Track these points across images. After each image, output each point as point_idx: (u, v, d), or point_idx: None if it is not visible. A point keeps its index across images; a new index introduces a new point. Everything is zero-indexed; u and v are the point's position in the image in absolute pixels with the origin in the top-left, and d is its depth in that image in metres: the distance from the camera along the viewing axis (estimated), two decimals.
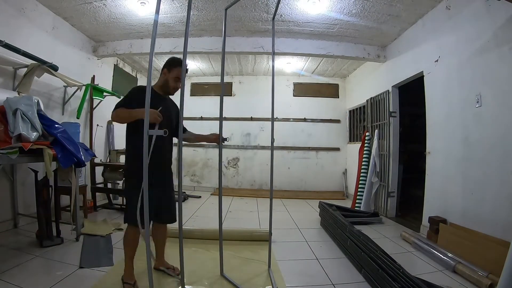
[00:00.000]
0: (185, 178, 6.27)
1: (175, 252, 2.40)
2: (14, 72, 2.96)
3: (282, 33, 4.03)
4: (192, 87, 6.51)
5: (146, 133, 1.35)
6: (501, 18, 2.28)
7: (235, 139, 6.13)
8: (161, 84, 1.99)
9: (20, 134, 2.24)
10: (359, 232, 2.42)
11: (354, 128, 5.90)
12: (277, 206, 4.62)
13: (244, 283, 1.97)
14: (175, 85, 1.97)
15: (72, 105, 3.89)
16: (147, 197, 1.38)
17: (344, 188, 6.03)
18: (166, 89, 1.99)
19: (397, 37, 4.00)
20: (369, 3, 3.15)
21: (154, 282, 1.46)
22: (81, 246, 2.27)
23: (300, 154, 6.22)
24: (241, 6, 3.26)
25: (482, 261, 2.13)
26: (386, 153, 4.20)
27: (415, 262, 2.45)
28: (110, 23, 3.79)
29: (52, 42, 3.49)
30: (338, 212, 3.27)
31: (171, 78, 1.95)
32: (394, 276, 1.72)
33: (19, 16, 3.01)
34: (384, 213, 4.13)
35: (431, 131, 3.31)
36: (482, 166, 2.48)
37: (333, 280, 2.07)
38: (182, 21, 3.74)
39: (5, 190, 2.88)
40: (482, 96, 2.49)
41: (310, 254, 2.60)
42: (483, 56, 2.49)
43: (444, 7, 2.98)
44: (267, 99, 4.55)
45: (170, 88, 1.98)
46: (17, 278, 1.85)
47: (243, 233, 2.93)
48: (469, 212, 2.58)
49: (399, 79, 3.96)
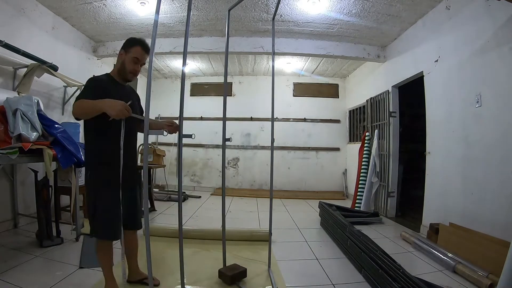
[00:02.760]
0: (185, 178, 6.27)
1: (175, 252, 2.40)
2: (14, 72, 2.96)
3: (282, 33, 4.03)
4: (192, 87, 6.52)
5: (146, 133, 1.34)
6: (501, 18, 2.28)
7: (235, 139, 6.12)
8: (118, 69, 1.70)
9: (20, 134, 2.24)
10: (359, 232, 2.42)
11: (354, 128, 5.90)
12: (277, 206, 4.62)
13: (244, 283, 1.97)
14: (132, 67, 1.67)
15: (72, 105, 3.88)
16: (147, 201, 1.37)
17: (344, 188, 6.03)
18: (123, 74, 1.69)
19: (397, 37, 4.00)
20: (369, 3, 3.15)
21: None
22: (81, 246, 2.26)
23: (300, 154, 6.22)
24: (241, 6, 3.27)
25: (482, 261, 2.13)
26: (386, 153, 4.20)
27: (415, 262, 2.45)
28: (110, 23, 3.79)
29: (52, 42, 3.49)
30: (338, 212, 3.27)
31: (128, 60, 1.66)
32: (394, 276, 1.72)
33: (19, 16, 3.01)
34: (384, 213, 4.12)
35: (431, 131, 3.31)
36: (482, 166, 2.48)
37: (333, 280, 2.07)
38: (182, 21, 3.74)
39: (5, 190, 2.88)
40: (482, 96, 2.49)
41: (310, 254, 2.60)
42: (483, 56, 2.49)
43: (444, 7, 2.98)
44: (267, 99, 4.56)
45: (127, 72, 1.68)
46: (17, 278, 1.85)
47: (243, 233, 2.93)
48: (469, 212, 2.58)
49: (399, 79, 3.96)
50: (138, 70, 1.72)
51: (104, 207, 1.57)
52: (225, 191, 2.23)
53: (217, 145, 6.20)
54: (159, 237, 2.75)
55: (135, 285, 1.87)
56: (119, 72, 1.70)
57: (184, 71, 1.69)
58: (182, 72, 1.67)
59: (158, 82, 6.56)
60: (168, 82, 6.62)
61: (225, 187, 2.29)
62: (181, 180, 1.64)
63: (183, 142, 1.59)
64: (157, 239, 2.70)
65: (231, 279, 1.92)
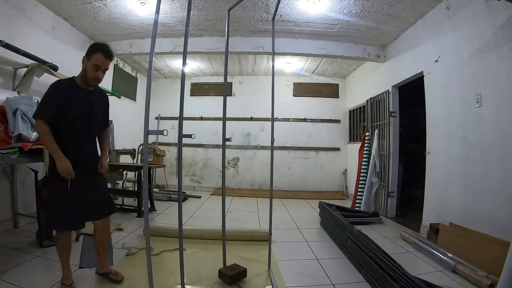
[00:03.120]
0: (185, 178, 6.27)
1: (175, 252, 2.41)
2: (14, 72, 2.96)
3: (282, 33, 4.03)
4: (192, 87, 6.52)
5: (146, 133, 1.35)
6: (501, 18, 2.28)
7: (235, 139, 6.13)
8: (82, 75, 1.74)
9: (20, 134, 2.24)
10: (359, 232, 2.42)
11: (354, 128, 5.90)
12: (277, 206, 4.62)
13: (244, 283, 1.97)
14: (94, 75, 1.71)
15: None
16: (147, 206, 1.38)
17: (344, 188, 6.03)
18: (86, 81, 1.73)
19: (397, 37, 4.00)
20: (369, 3, 3.15)
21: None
22: (81, 246, 2.26)
23: (300, 154, 6.22)
24: (241, 6, 3.27)
25: (482, 261, 2.13)
26: (386, 153, 4.20)
27: (415, 262, 2.45)
28: (110, 23, 3.79)
29: (52, 42, 3.49)
30: (338, 212, 3.27)
31: (89, 67, 1.69)
32: (394, 276, 1.72)
33: (19, 16, 3.00)
34: (384, 213, 4.12)
35: (431, 131, 3.31)
36: (482, 166, 2.48)
37: (333, 280, 2.07)
38: (182, 21, 3.74)
39: (5, 190, 2.88)
40: (482, 96, 2.49)
41: (310, 254, 2.60)
42: (483, 56, 2.49)
43: (444, 7, 2.98)
44: (267, 99, 4.56)
45: (89, 78, 1.72)
46: (17, 278, 1.85)
47: (243, 233, 2.93)
48: (469, 212, 2.58)
49: (399, 79, 3.96)
50: (100, 77, 1.75)
51: (56, 200, 1.71)
52: (225, 191, 2.23)
53: (217, 145, 6.20)
54: (159, 237, 2.75)
55: (102, 277, 1.92)
56: (82, 79, 1.75)
57: (184, 71, 1.70)
58: (182, 72, 1.67)
59: (158, 82, 6.57)
60: (168, 82, 6.63)
61: (225, 187, 2.29)
62: (181, 180, 1.64)
63: (183, 142, 1.60)
64: (157, 239, 2.70)
65: (231, 279, 1.92)
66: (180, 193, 1.61)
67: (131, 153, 4.21)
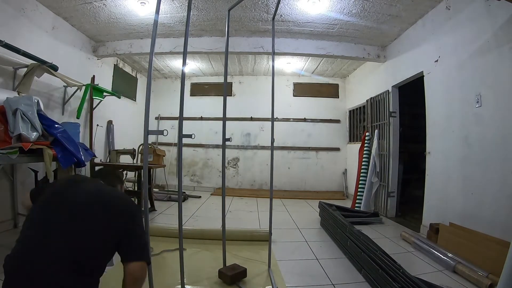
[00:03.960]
0: (185, 178, 6.26)
1: (175, 252, 2.40)
2: (14, 72, 2.96)
3: (282, 33, 4.03)
4: (192, 87, 6.52)
5: (146, 133, 1.34)
6: (501, 18, 2.28)
7: (235, 139, 6.13)
8: None
9: (20, 134, 2.24)
10: (359, 232, 2.42)
11: (354, 128, 5.90)
12: (277, 206, 4.62)
13: (244, 283, 1.97)
14: None
15: (72, 105, 3.89)
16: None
17: (344, 188, 6.03)
18: None
19: (397, 37, 4.00)
20: (369, 3, 3.15)
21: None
22: None
23: (300, 154, 6.22)
24: (241, 6, 3.27)
25: (482, 261, 2.13)
26: (386, 153, 4.20)
27: (415, 262, 2.45)
28: (110, 23, 3.79)
29: (52, 42, 3.49)
30: (338, 212, 3.26)
31: None
32: (394, 276, 1.72)
33: (19, 16, 3.00)
34: (384, 213, 4.12)
35: (431, 131, 3.31)
36: (482, 166, 2.48)
37: (333, 280, 2.07)
38: (182, 21, 3.74)
39: (5, 190, 2.88)
40: (482, 96, 2.49)
41: (310, 254, 2.60)
42: (483, 56, 2.49)
43: (444, 7, 2.98)
44: (267, 99, 4.56)
45: None
46: None
47: (243, 233, 2.93)
48: (469, 212, 2.58)
49: (399, 79, 3.96)
50: None
51: None
52: (225, 191, 2.23)
53: (217, 145, 6.20)
54: (159, 237, 2.76)
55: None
56: None
57: (184, 71, 1.70)
58: (182, 72, 1.68)
59: (158, 82, 6.57)
60: (168, 82, 6.62)
61: (225, 187, 2.29)
62: (181, 180, 1.64)
63: (183, 142, 1.60)
64: (157, 239, 2.69)
65: (231, 279, 1.92)
66: (180, 193, 1.62)
67: (131, 153, 4.21)
